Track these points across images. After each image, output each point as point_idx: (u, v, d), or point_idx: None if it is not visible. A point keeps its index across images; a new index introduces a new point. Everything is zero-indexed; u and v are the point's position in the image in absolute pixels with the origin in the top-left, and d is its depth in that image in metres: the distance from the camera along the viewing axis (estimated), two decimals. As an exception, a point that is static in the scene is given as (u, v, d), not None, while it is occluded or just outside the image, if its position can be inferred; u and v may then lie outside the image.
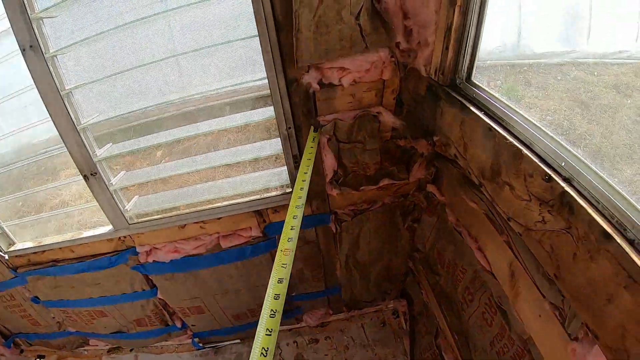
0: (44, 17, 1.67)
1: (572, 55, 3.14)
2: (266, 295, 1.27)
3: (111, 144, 2.12)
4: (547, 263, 1.35)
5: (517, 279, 1.64)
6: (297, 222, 1.56)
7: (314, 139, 1.96)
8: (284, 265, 1.37)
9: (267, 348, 1.13)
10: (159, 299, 2.76)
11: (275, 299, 1.26)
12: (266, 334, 1.17)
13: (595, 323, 1.18)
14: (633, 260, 1.03)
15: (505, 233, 1.68)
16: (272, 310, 1.23)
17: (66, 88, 1.82)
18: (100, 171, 2.06)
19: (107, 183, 2.11)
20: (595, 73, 2.93)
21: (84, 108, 1.95)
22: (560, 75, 3.05)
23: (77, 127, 1.90)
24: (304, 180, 1.77)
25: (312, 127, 1.99)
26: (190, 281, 2.59)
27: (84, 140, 1.95)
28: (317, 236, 2.52)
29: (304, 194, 1.72)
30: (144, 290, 2.66)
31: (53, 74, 1.76)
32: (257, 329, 1.18)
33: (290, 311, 3.19)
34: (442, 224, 2.28)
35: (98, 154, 2.03)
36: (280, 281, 1.32)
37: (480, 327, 2.05)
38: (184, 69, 2.08)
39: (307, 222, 2.40)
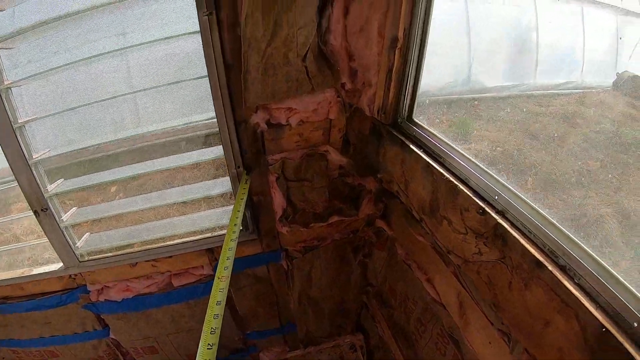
0: (-1, 48, 1.65)
1: (521, 88, 3.27)
2: (205, 320, 1.35)
3: (63, 179, 2.09)
4: (486, 293, 1.41)
5: (466, 309, 1.68)
6: (231, 253, 1.65)
7: (246, 181, 2.00)
8: (221, 290, 1.48)
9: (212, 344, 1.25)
10: (112, 339, 2.69)
11: (215, 318, 1.36)
12: (207, 348, 1.25)
13: (534, 347, 1.24)
14: (565, 286, 1.09)
15: (451, 264, 1.73)
16: (209, 343, 1.28)
17: (19, 121, 1.79)
18: (51, 207, 2.02)
19: (57, 219, 2.07)
20: (543, 104, 3.05)
21: (37, 142, 1.92)
22: (509, 107, 3.15)
23: (29, 162, 1.86)
24: (237, 217, 1.83)
25: (244, 171, 2.03)
26: (142, 321, 2.54)
27: (35, 176, 1.91)
28: (269, 273, 2.52)
29: (237, 229, 1.79)
30: (95, 329, 2.59)
31: (6, 107, 1.72)
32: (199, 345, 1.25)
33: (246, 350, 3.15)
34: (392, 258, 2.32)
35: (49, 190, 1.99)
36: (218, 303, 1.41)
37: (435, 358, 2.07)
38: (140, 105, 2.09)
39: (258, 259, 2.40)
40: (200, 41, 1.67)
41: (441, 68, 3.49)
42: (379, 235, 2.40)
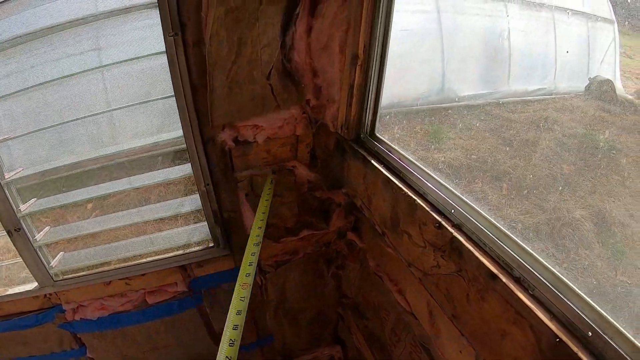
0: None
1: (495, 95, 3.31)
2: (225, 326, 1.34)
3: (36, 199, 2.09)
4: (445, 305, 1.44)
5: (436, 318, 1.69)
6: (254, 258, 1.67)
7: (271, 181, 2.02)
8: (242, 299, 1.46)
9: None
10: (89, 357, 2.68)
11: (234, 329, 1.33)
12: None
13: (493, 358, 1.26)
14: (519, 298, 1.11)
15: (422, 280, 1.75)
16: (231, 339, 1.29)
17: (-7, 141, 1.78)
18: (24, 227, 2.02)
19: (31, 239, 2.06)
20: (517, 111, 3.10)
21: (13, 160, 1.92)
22: (483, 115, 3.19)
23: (1, 182, 1.86)
24: (261, 220, 1.83)
25: (270, 171, 2.06)
26: (119, 339, 2.54)
27: (8, 195, 1.90)
28: (243, 289, 2.52)
29: (261, 232, 1.79)
30: (72, 349, 2.58)
31: (-22, 126, 1.73)
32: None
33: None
34: (364, 270, 2.35)
35: (22, 210, 1.99)
36: (238, 313, 1.40)
37: (410, 367, 2.09)
38: (116, 122, 2.11)
39: (232, 275, 2.41)
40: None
41: (415, 79, 3.54)
42: (351, 247, 2.42)
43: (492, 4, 3.41)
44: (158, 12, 1.60)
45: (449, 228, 1.36)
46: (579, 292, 1.04)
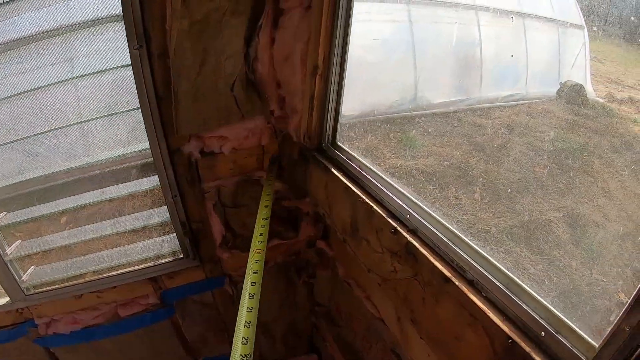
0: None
1: (467, 102, 3.35)
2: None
3: (6, 212, 2.09)
4: (404, 309, 1.47)
5: (403, 324, 1.71)
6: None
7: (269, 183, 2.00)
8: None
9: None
10: (62, 372, 2.66)
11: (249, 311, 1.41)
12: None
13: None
14: (472, 300, 1.14)
15: (381, 286, 1.77)
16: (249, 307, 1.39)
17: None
18: (-5, 241, 2.02)
19: (2, 253, 2.06)
20: (489, 116, 3.14)
21: None
22: (456, 122, 3.23)
23: None
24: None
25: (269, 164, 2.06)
26: (92, 352, 2.52)
27: None
28: (214, 299, 2.53)
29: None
30: (47, 364, 2.56)
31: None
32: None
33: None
34: (335, 277, 2.36)
35: (-9, 224, 1.99)
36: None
37: (382, 374, 2.10)
38: (87, 134, 2.11)
39: (202, 286, 2.42)
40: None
41: (388, 87, 3.59)
42: (321, 255, 2.44)
43: (463, 12, 3.47)
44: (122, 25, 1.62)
45: (404, 233, 1.39)
46: (533, 293, 1.07)
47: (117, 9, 1.61)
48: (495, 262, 1.17)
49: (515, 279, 1.12)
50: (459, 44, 3.43)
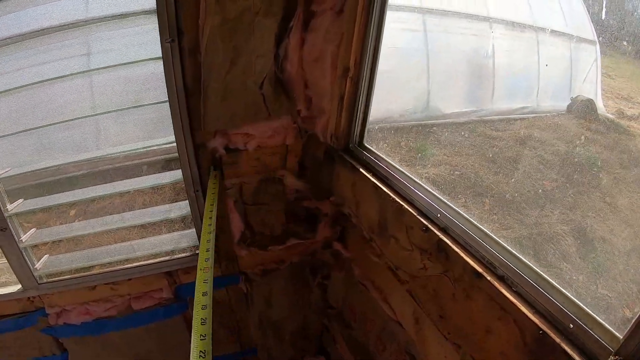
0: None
1: (479, 113, 3.38)
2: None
3: (23, 199, 2.08)
4: (433, 305, 1.51)
5: (421, 325, 1.74)
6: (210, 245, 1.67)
7: (215, 177, 1.99)
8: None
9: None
10: (70, 364, 2.65)
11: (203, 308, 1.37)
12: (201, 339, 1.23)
13: (479, 353, 1.33)
14: (503, 294, 1.19)
15: (408, 284, 1.80)
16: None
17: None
18: (11, 227, 2.00)
19: (17, 240, 2.05)
20: (500, 129, 3.17)
21: None
22: (467, 132, 3.25)
23: None
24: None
25: (211, 167, 2.02)
26: (101, 344, 2.51)
27: None
28: (228, 297, 2.54)
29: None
30: (54, 354, 2.54)
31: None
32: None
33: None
34: (350, 279, 2.38)
35: (9, 209, 1.97)
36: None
37: (395, 375, 2.12)
38: (102, 127, 2.11)
39: (217, 282, 2.39)
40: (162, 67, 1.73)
41: (401, 96, 3.63)
42: (337, 257, 2.45)
43: (477, 23, 3.51)
44: (155, 19, 1.64)
45: (436, 231, 1.43)
46: (560, 287, 1.12)
47: (151, 3, 1.63)
48: (524, 259, 1.22)
49: (544, 274, 1.17)
50: (472, 54, 3.48)
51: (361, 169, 1.80)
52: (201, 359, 1.18)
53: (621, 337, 0.96)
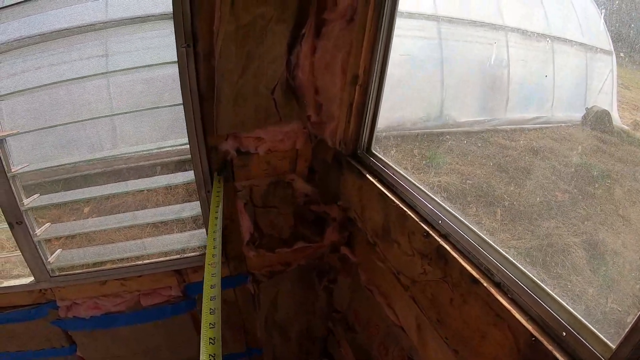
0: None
1: (492, 123, 3.36)
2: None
3: (39, 194, 2.14)
4: (431, 309, 1.54)
5: (423, 331, 1.76)
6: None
7: (219, 181, 2.02)
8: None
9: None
10: (78, 356, 2.69)
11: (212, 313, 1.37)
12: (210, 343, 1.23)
13: (475, 358, 1.35)
14: (498, 301, 1.22)
15: (409, 289, 1.82)
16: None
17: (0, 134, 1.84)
18: (26, 220, 2.06)
19: (31, 233, 2.11)
20: (513, 138, 3.15)
21: (16, 156, 1.96)
22: (480, 142, 3.24)
23: (7, 174, 1.90)
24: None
25: (215, 172, 2.05)
26: (110, 338, 2.55)
27: (13, 188, 1.94)
28: (236, 297, 2.57)
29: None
30: (63, 346, 2.59)
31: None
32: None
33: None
34: (356, 284, 2.39)
35: (25, 203, 2.03)
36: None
37: (396, 380, 2.13)
38: (117, 127, 2.16)
39: (226, 283, 2.45)
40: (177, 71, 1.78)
41: (414, 103, 3.63)
42: (344, 261, 2.47)
43: (493, 32, 3.50)
44: (172, 23, 1.69)
45: (436, 237, 1.46)
46: (555, 295, 1.14)
47: (168, 7, 1.68)
48: (521, 267, 1.24)
49: (540, 282, 1.19)
50: (487, 63, 3.47)
51: (367, 175, 1.84)
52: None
53: (614, 347, 0.98)
